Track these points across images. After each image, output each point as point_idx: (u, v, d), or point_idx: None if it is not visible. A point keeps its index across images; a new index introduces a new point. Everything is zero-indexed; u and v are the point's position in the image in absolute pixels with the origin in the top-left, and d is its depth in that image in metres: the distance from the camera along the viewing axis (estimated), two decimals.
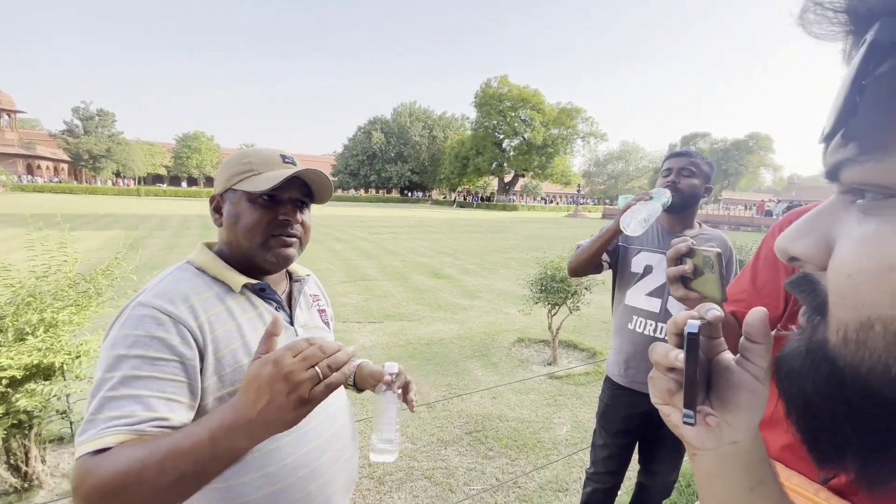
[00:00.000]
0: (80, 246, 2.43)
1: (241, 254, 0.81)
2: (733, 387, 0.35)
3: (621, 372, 1.61)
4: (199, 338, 0.70)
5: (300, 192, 0.84)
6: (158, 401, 0.64)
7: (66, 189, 38.34)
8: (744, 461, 0.35)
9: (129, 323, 0.68)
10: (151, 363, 0.65)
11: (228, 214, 0.81)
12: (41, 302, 2.07)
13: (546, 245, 13.05)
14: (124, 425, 0.60)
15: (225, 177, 0.82)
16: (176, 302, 0.71)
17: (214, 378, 0.72)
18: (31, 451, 2.10)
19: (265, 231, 0.80)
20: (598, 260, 1.60)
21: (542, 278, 3.94)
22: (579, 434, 2.87)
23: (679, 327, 0.36)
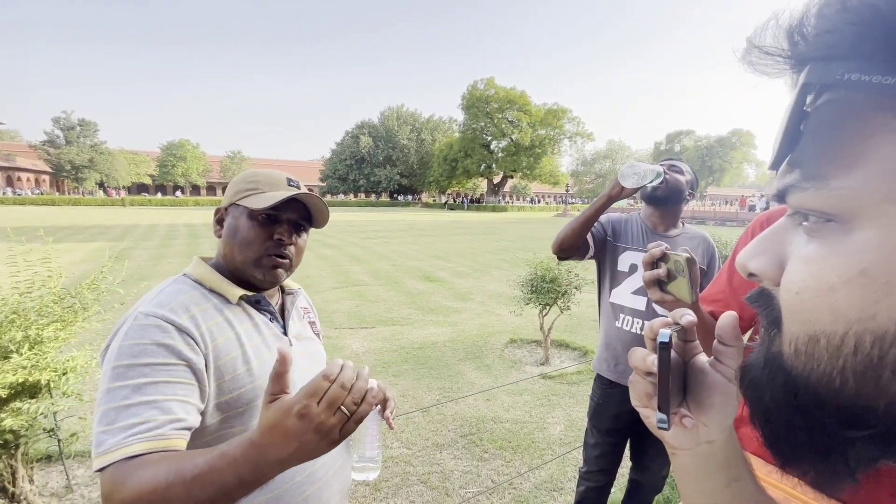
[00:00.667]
0: (64, 259, 2.39)
1: (234, 267, 0.84)
2: (707, 388, 0.36)
3: (611, 368, 1.63)
4: (202, 345, 0.72)
5: (299, 216, 0.87)
6: (174, 403, 0.65)
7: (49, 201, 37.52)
8: (720, 459, 0.37)
9: (132, 334, 0.68)
10: (161, 369, 0.66)
11: (228, 227, 0.85)
12: (25, 319, 2.03)
13: (536, 245, 13.14)
14: (147, 431, 0.61)
15: (232, 192, 0.86)
16: (177, 311, 0.73)
17: (214, 385, 0.73)
18: (17, 472, 2.06)
19: (260, 248, 0.83)
20: (586, 235, 1.54)
21: (533, 279, 3.97)
22: (573, 433, 2.89)
23: (654, 333, 0.38)
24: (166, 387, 0.65)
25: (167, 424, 0.62)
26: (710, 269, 1.59)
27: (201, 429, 0.74)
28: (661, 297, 0.77)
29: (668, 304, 0.79)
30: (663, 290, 0.77)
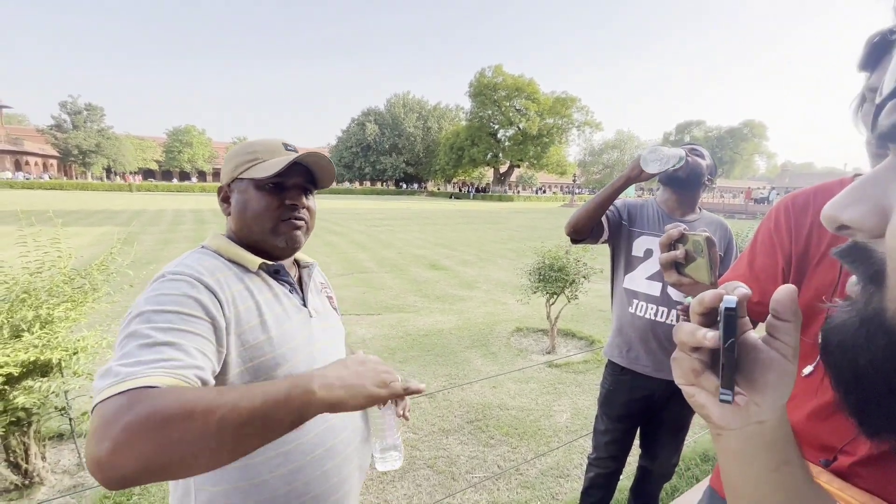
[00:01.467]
0: (72, 242, 2.39)
1: (252, 241, 0.84)
2: (761, 366, 0.34)
3: (623, 354, 1.61)
4: (227, 308, 0.71)
5: (304, 179, 0.86)
6: (197, 353, 0.61)
7: (57, 185, 37.78)
8: (769, 441, 0.35)
9: (160, 285, 0.67)
10: (188, 319, 0.63)
11: (237, 203, 0.83)
12: (36, 298, 2.04)
13: (543, 235, 13.08)
14: (171, 368, 0.55)
15: (231, 167, 0.84)
16: (203, 274, 0.72)
17: (234, 352, 0.72)
18: (30, 449, 2.09)
19: (274, 216, 0.82)
20: (601, 218, 1.52)
21: (541, 267, 3.94)
22: (579, 421, 2.89)
23: (706, 306, 0.35)
24: (190, 336, 0.62)
25: (192, 368, 0.57)
26: (728, 256, 1.56)
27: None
28: (677, 279, 0.75)
29: (685, 288, 0.77)
30: (680, 273, 0.75)
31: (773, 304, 0.34)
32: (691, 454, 2.53)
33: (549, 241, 4.67)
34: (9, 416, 1.87)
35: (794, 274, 0.85)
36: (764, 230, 0.92)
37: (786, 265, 0.86)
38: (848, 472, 0.74)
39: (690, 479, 2.36)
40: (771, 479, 0.36)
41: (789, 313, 0.33)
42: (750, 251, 0.95)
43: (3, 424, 1.89)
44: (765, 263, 0.90)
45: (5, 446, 2.03)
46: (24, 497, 2.06)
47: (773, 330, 0.34)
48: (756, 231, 0.96)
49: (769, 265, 0.88)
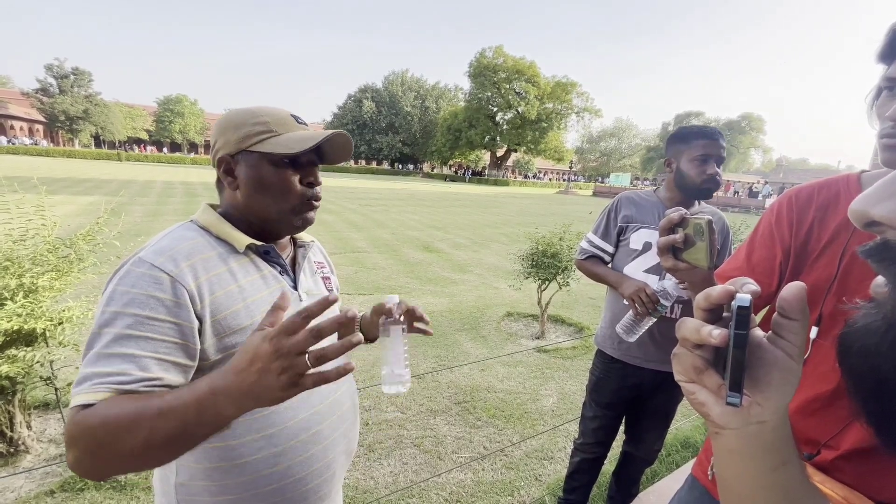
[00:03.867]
0: (58, 210, 2.33)
1: (261, 218, 0.80)
2: (765, 365, 0.33)
3: (614, 345, 1.62)
4: (197, 299, 0.68)
5: (314, 153, 0.82)
6: (152, 361, 0.63)
7: (43, 152, 36.77)
8: (769, 441, 0.34)
9: (126, 280, 0.66)
10: (147, 323, 0.64)
11: (249, 178, 0.77)
12: (19, 266, 1.99)
13: (538, 221, 13.07)
14: (116, 384, 0.60)
15: (237, 137, 0.77)
16: (177, 260, 0.69)
17: (214, 340, 0.70)
18: (15, 417, 2.07)
19: (296, 195, 0.79)
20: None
21: (534, 253, 3.94)
22: (565, 405, 2.94)
23: (712, 302, 0.34)
24: (148, 343, 0.63)
25: (139, 381, 0.61)
26: (724, 248, 1.56)
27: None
28: (674, 264, 0.75)
29: (681, 273, 0.77)
30: (677, 258, 0.75)
31: (781, 301, 0.33)
32: (672, 441, 2.59)
33: (544, 226, 4.66)
34: None
35: (791, 268, 0.85)
36: (765, 223, 0.92)
37: (784, 258, 0.85)
38: (830, 466, 0.75)
39: (671, 464, 2.42)
40: (769, 479, 0.35)
41: (797, 312, 0.32)
42: (749, 243, 0.95)
43: None
44: (762, 256, 0.89)
45: None
46: (10, 465, 2.06)
47: (780, 328, 0.33)
48: (757, 223, 0.96)
49: (767, 258, 0.88)
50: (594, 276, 1.67)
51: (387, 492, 2.08)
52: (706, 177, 1.43)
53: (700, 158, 1.43)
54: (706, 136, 1.44)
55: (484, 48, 47.35)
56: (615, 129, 64.39)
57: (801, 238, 0.83)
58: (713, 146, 1.43)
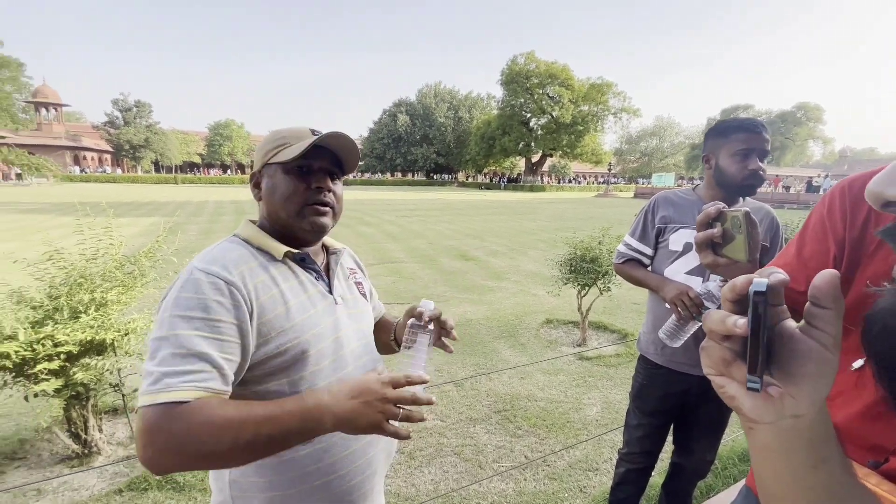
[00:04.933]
0: (124, 231, 2.55)
1: (280, 224, 0.86)
2: (798, 356, 0.32)
3: (657, 351, 1.55)
4: (248, 302, 0.74)
5: (329, 163, 0.87)
6: (223, 360, 0.69)
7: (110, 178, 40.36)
8: (806, 437, 0.33)
9: (188, 286, 0.72)
10: (214, 325, 0.70)
11: (266, 187, 0.86)
12: (91, 282, 2.19)
13: (575, 225, 12.79)
14: (202, 381, 0.65)
15: (261, 154, 0.87)
16: (229, 267, 0.75)
17: (258, 341, 0.75)
18: (88, 421, 2.26)
19: (300, 199, 0.83)
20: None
21: (572, 259, 3.87)
22: (610, 415, 2.84)
23: (738, 291, 0.33)
24: (217, 343, 0.69)
25: (217, 379, 0.67)
26: (774, 246, 1.46)
27: (248, 379, 0.77)
28: (713, 259, 0.73)
29: (721, 269, 0.74)
30: (717, 254, 0.72)
31: (812, 290, 0.31)
32: (729, 453, 2.44)
33: (582, 231, 4.56)
34: (69, 390, 2.03)
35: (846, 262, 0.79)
36: (816, 215, 0.86)
37: (838, 252, 0.80)
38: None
39: (727, 478, 2.27)
40: (808, 476, 0.33)
41: (829, 300, 0.31)
42: (799, 237, 0.90)
43: (65, 398, 2.06)
44: (815, 250, 0.84)
45: (67, 418, 2.21)
46: (84, 465, 2.24)
47: (812, 318, 0.32)
48: (808, 217, 0.90)
49: (820, 252, 0.83)
50: (634, 279, 1.62)
51: (427, 499, 2.08)
52: (748, 172, 1.35)
53: (741, 153, 1.35)
54: (746, 128, 1.35)
55: (515, 55, 47.28)
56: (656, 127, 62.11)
57: (857, 231, 0.78)
58: (755, 139, 1.34)
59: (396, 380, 0.70)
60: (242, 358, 0.73)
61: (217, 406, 0.64)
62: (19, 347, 1.86)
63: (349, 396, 0.67)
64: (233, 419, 0.63)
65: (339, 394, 0.68)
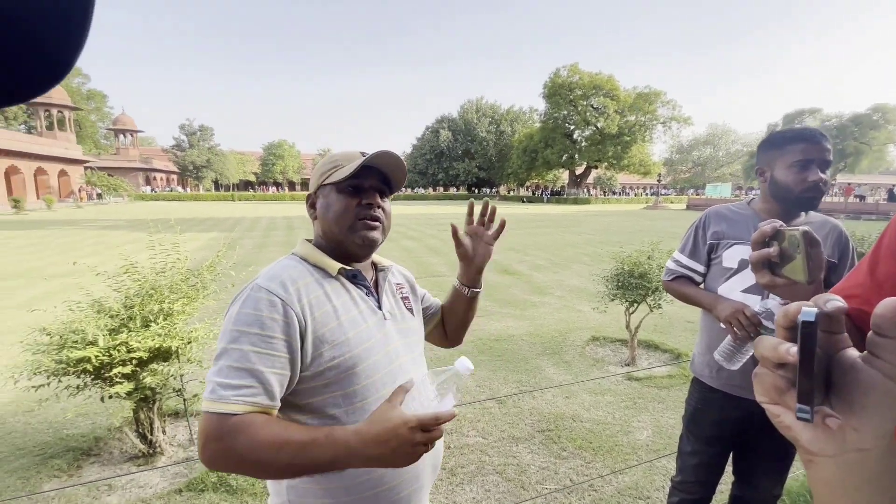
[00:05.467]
0: (188, 245, 2.77)
1: (334, 241, 0.91)
2: (861, 387, 0.30)
3: (712, 374, 1.46)
4: (302, 319, 0.80)
5: (378, 181, 0.92)
6: (271, 375, 0.76)
7: (176, 197, 43.97)
8: (874, 472, 0.30)
9: (248, 302, 0.79)
10: (267, 340, 0.76)
11: (321, 207, 0.92)
12: (160, 294, 2.38)
13: (623, 239, 12.34)
14: (250, 396, 0.73)
15: (317, 177, 0.94)
16: (286, 285, 0.82)
17: (312, 352, 0.81)
18: (154, 423, 2.44)
19: (351, 215, 0.89)
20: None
21: (619, 274, 3.73)
22: (661, 440, 2.68)
23: (790, 318, 0.32)
24: (268, 358, 0.76)
25: (264, 394, 0.75)
26: (844, 262, 1.34)
27: (303, 391, 0.82)
28: (770, 280, 0.68)
29: (780, 290, 0.69)
30: (775, 273, 0.67)
31: (875, 318, 0.30)
32: (799, 488, 2.22)
33: (630, 245, 4.41)
34: (139, 393, 2.21)
35: None
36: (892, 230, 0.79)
37: None
38: None
39: None
40: None
41: (893, 329, 0.29)
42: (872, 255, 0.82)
43: (135, 400, 2.23)
44: (891, 270, 0.77)
45: (136, 419, 2.39)
46: (149, 464, 2.41)
47: (874, 347, 0.30)
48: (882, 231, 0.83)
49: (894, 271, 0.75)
50: (684, 298, 1.54)
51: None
52: (807, 184, 1.26)
53: (799, 164, 1.27)
54: (804, 138, 1.27)
55: (558, 67, 46.94)
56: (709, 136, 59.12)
57: None
58: (814, 149, 1.26)
59: (425, 423, 0.70)
60: (292, 372, 0.79)
61: (262, 425, 0.71)
62: (99, 352, 2.05)
63: (377, 442, 0.69)
64: (273, 442, 0.70)
65: (367, 437, 0.70)
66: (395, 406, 0.72)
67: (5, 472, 2.33)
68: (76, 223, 17.46)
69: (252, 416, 0.72)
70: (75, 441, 2.60)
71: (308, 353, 0.80)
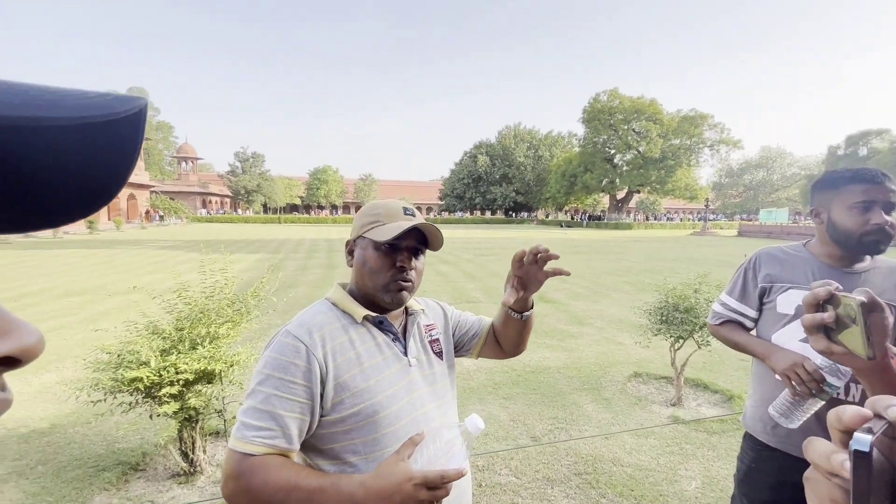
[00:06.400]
0: (235, 266, 2.93)
1: (365, 292, 0.95)
2: None
3: (766, 430, 1.33)
4: (324, 365, 0.84)
5: (416, 241, 0.94)
6: (290, 419, 0.80)
7: (228, 219, 46.89)
8: None
9: (277, 347, 0.84)
10: (288, 385, 0.81)
11: (357, 258, 0.95)
12: (208, 318, 2.51)
13: (667, 267, 11.82)
14: (268, 439, 0.77)
15: (358, 226, 0.96)
16: (312, 332, 0.86)
17: (332, 396, 0.83)
18: (196, 442, 2.53)
19: (386, 275, 0.91)
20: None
21: (663, 307, 3.56)
22: (713, 493, 2.47)
23: (845, 424, 0.29)
24: (288, 403, 0.80)
25: (280, 438, 0.78)
26: None
27: (323, 436, 0.84)
28: (826, 346, 0.62)
29: (837, 357, 0.62)
30: (831, 340, 0.61)
31: None
32: None
33: (675, 274, 4.20)
34: (184, 413, 2.31)
35: None
36: None
37: None
38: None
39: None
40: None
41: None
42: None
43: (180, 419, 2.33)
44: None
45: (179, 438, 2.49)
46: (189, 483, 2.49)
47: None
48: None
49: None
50: (734, 345, 1.43)
51: None
52: (870, 227, 1.16)
53: (860, 206, 1.18)
54: (863, 179, 1.18)
55: (598, 92, 46.73)
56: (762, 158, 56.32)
57: None
58: (876, 190, 1.16)
59: (431, 480, 0.70)
60: (311, 417, 0.82)
61: (276, 468, 0.75)
62: (150, 373, 2.17)
63: (380, 496, 0.70)
64: (284, 486, 0.73)
65: (371, 490, 0.71)
66: (403, 459, 0.72)
67: (63, 481, 2.48)
68: (140, 243, 18.89)
69: (269, 457, 0.76)
70: (125, 455, 2.73)
71: (328, 399, 0.83)
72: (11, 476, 2.52)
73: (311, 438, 0.84)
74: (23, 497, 2.34)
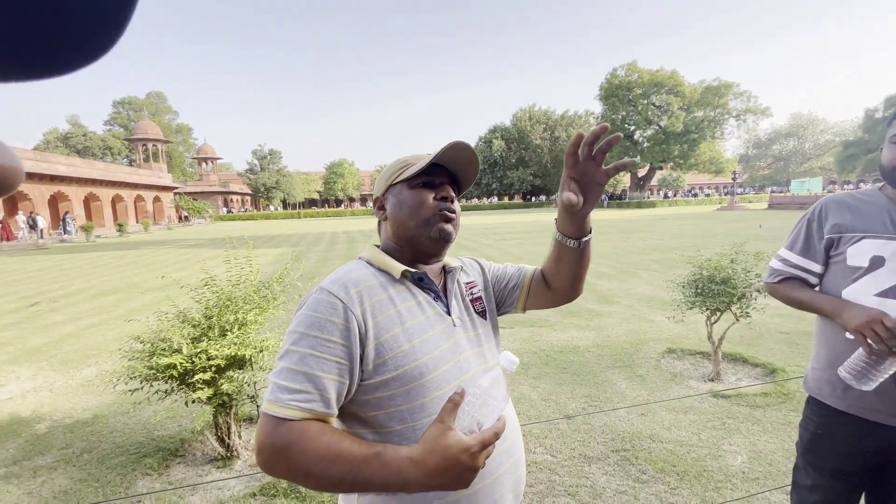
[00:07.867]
0: (259, 260, 2.94)
1: (406, 238, 0.88)
2: None
3: (836, 392, 1.22)
4: (362, 323, 0.77)
5: (448, 180, 0.90)
6: (328, 381, 0.72)
7: (249, 216, 47.93)
8: None
9: (311, 305, 0.78)
10: (325, 344, 0.74)
11: (393, 206, 0.89)
12: (235, 305, 2.52)
13: (696, 243, 11.44)
14: (304, 402, 0.70)
15: (385, 179, 0.92)
16: (347, 287, 0.79)
17: (376, 363, 0.76)
18: (231, 427, 2.56)
19: (429, 208, 0.86)
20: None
21: (698, 279, 3.41)
22: (760, 468, 2.35)
23: None
24: (325, 363, 0.73)
25: (317, 401, 0.71)
26: None
27: (368, 402, 0.77)
28: None
29: None
30: None
31: None
32: None
33: (706, 248, 4.03)
34: (217, 399, 2.33)
35: None
36: None
37: None
38: None
39: None
40: None
41: None
42: None
43: (214, 405, 2.36)
44: None
45: (215, 423, 2.53)
46: (227, 467, 2.53)
47: None
48: None
49: None
50: (796, 303, 1.31)
51: None
52: None
53: None
54: None
55: (615, 67, 45.27)
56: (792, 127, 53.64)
57: None
58: None
59: (486, 441, 0.65)
60: (350, 379, 0.75)
61: (315, 435, 0.68)
62: (183, 360, 2.19)
63: (438, 472, 0.64)
64: (326, 454, 0.66)
65: (426, 468, 0.64)
66: (450, 428, 0.65)
67: (107, 467, 2.55)
68: (167, 243, 19.46)
69: (306, 423, 0.69)
70: (164, 442, 2.80)
71: (369, 361, 0.76)
72: (59, 464, 2.61)
73: (350, 405, 0.78)
74: (70, 483, 2.43)
